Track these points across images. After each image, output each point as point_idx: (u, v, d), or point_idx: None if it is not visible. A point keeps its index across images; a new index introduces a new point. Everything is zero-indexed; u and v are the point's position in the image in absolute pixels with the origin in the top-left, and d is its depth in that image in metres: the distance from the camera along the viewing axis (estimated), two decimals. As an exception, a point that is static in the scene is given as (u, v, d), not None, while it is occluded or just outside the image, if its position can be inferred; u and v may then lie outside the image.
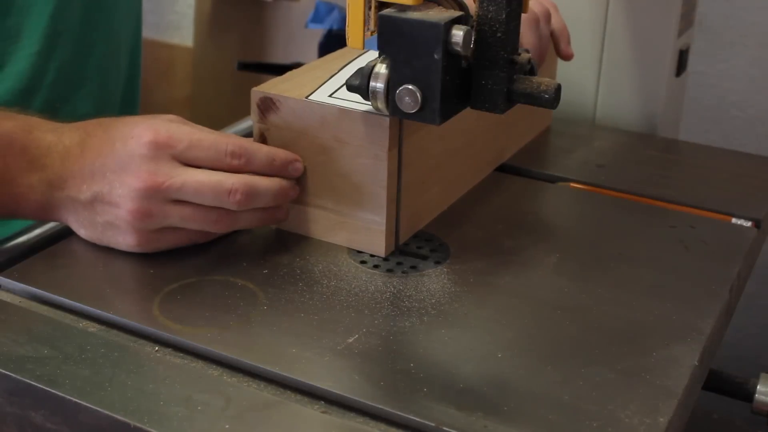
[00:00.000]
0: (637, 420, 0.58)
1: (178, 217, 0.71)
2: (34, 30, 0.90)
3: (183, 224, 0.72)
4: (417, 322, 0.68)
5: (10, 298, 0.70)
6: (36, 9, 0.90)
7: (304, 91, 0.76)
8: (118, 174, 0.70)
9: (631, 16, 1.05)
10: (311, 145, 0.75)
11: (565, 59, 0.97)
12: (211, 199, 0.70)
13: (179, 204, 0.71)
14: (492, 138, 0.91)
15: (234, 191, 0.70)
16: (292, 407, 0.60)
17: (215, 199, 0.71)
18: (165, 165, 0.70)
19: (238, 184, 0.70)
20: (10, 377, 0.61)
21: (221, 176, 0.71)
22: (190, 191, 0.70)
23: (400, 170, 0.75)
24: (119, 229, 0.71)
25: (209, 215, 0.72)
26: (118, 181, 0.70)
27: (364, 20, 0.68)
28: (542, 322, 0.69)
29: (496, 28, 0.68)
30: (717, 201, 0.89)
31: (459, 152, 0.85)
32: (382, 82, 0.68)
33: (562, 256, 0.78)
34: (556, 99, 0.69)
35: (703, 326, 0.69)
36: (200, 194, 0.70)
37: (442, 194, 0.84)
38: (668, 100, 1.09)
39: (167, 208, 0.70)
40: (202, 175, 0.70)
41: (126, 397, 0.59)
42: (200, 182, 0.70)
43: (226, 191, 0.70)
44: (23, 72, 0.90)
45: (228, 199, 0.70)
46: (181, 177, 0.70)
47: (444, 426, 0.57)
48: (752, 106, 1.48)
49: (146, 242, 0.72)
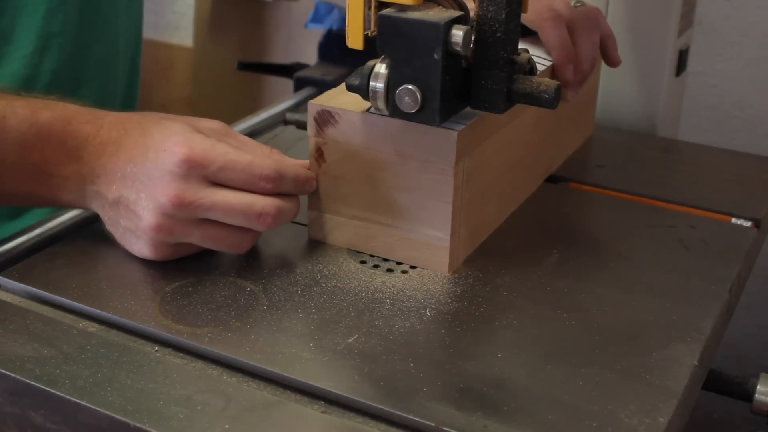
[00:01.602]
0: (637, 420, 0.58)
1: (199, 236, 0.71)
2: (27, 31, 0.89)
3: (202, 243, 0.72)
4: (417, 322, 0.68)
5: (10, 298, 0.70)
6: (28, 10, 0.89)
7: (363, 103, 0.73)
8: (145, 185, 0.69)
9: (631, 16, 1.05)
10: (372, 160, 0.73)
11: (614, 66, 0.95)
12: (240, 221, 0.70)
13: (203, 223, 0.70)
14: (544, 149, 0.90)
15: (265, 215, 0.70)
16: (292, 407, 0.60)
17: (244, 221, 0.70)
18: (195, 184, 0.69)
19: (269, 208, 0.70)
20: (10, 377, 0.61)
21: (251, 198, 0.70)
22: (219, 213, 0.70)
23: (463, 184, 0.73)
24: (137, 238, 0.72)
25: (232, 237, 0.72)
26: (145, 193, 0.69)
27: (364, 20, 0.68)
28: (542, 322, 0.69)
29: (496, 28, 0.68)
30: (717, 201, 0.89)
31: (516, 165, 0.84)
32: (382, 82, 0.68)
33: (562, 256, 0.78)
34: (556, 99, 0.69)
35: (703, 326, 0.69)
36: (230, 216, 0.70)
37: (499, 209, 0.82)
38: (668, 100, 1.09)
39: (190, 226, 0.70)
40: (232, 197, 0.70)
41: (126, 397, 0.59)
42: (230, 204, 0.69)
43: (257, 214, 0.70)
44: (17, 74, 0.90)
45: (258, 222, 0.70)
46: (210, 198, 0.69)
47: (444, 426, 0.57)
48: (752, 106, 1.48)
49: (161, 254, 0.72)
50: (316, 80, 1.24)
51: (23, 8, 0.89)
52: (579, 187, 0.92)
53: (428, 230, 0.73)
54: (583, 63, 0.87)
